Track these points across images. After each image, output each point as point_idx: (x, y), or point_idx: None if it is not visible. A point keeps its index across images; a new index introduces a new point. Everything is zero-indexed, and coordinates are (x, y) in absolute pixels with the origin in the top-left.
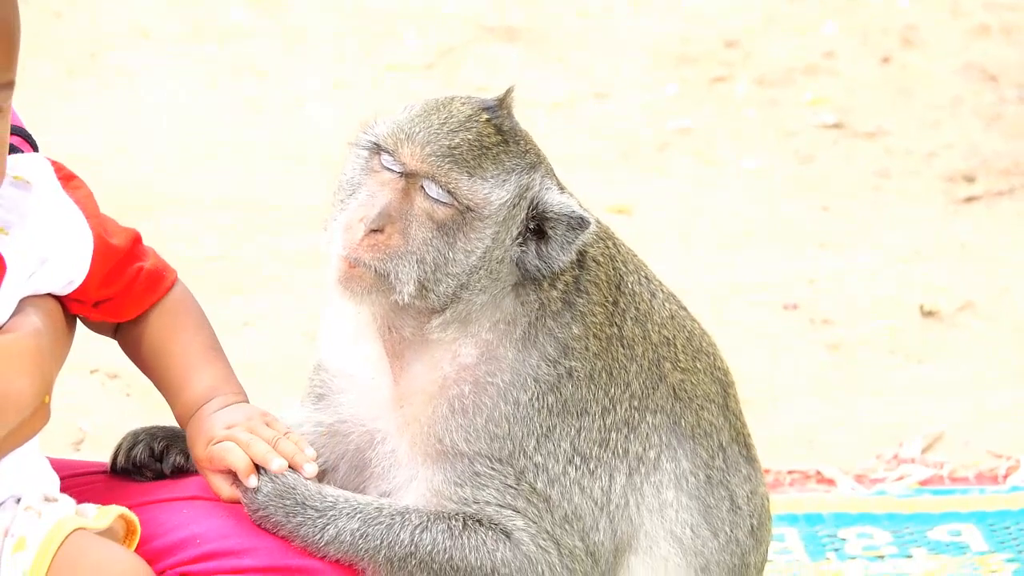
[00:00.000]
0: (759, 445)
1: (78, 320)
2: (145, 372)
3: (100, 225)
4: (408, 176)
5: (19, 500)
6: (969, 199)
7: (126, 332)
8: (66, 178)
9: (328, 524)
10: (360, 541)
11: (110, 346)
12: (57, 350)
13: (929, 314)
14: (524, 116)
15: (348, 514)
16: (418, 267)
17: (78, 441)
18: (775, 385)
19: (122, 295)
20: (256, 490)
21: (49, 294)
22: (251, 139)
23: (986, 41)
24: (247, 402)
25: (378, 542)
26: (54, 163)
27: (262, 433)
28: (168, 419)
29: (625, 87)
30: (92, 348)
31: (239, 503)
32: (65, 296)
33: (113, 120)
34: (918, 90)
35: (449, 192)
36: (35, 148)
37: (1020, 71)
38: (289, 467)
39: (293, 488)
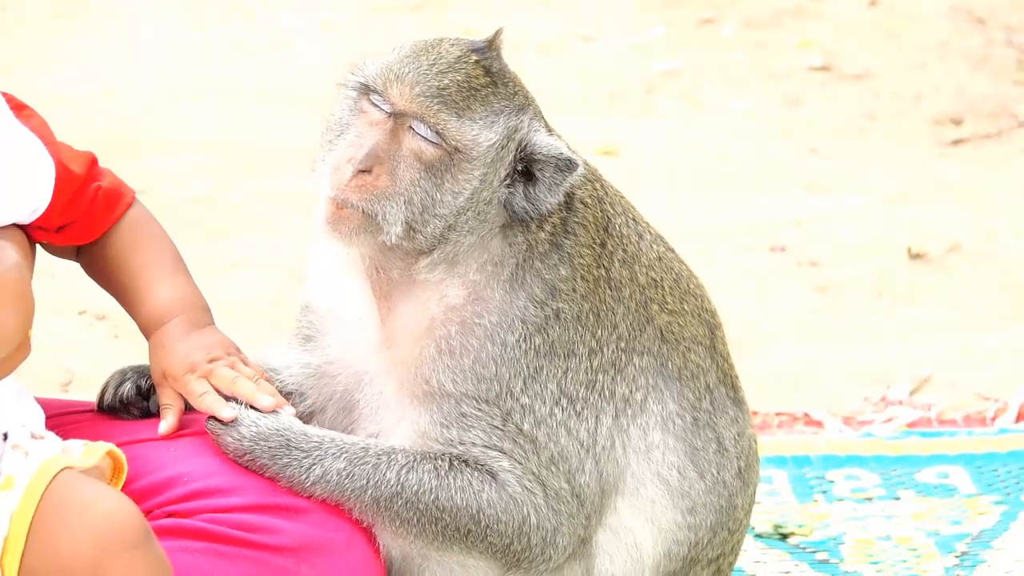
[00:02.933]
0: (747, 387)
1: (76, 265)
2: (107, 288)
3: (58, 152)
4: (397, 116)
5: (5, 436)
6: (956, 141)
7: (88, 253)
8: (17, 107)
9: (314, 464)
10: (346, 481)
11: (97, 287)
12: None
13: (916, 256)
14: (512, 58)
15: (334, 454)
16: (406, 208)
17: (66, 382)
18: (763, 327)
19: (83, 218)
20: (240, 435)
21: (14, 224)
22: (238, 80)
23: None
24: (214, 324)
25: (364, 482)
26: (4, 94)
27: (241, 370)
28: None
29: (612, 29)
30: (80, 290)
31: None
32: (28, 224)
33: (100, 61)
34: (905, 33)
35: (437, 133)
36: None
37: (1007, 13)
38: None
39: (278, 430)
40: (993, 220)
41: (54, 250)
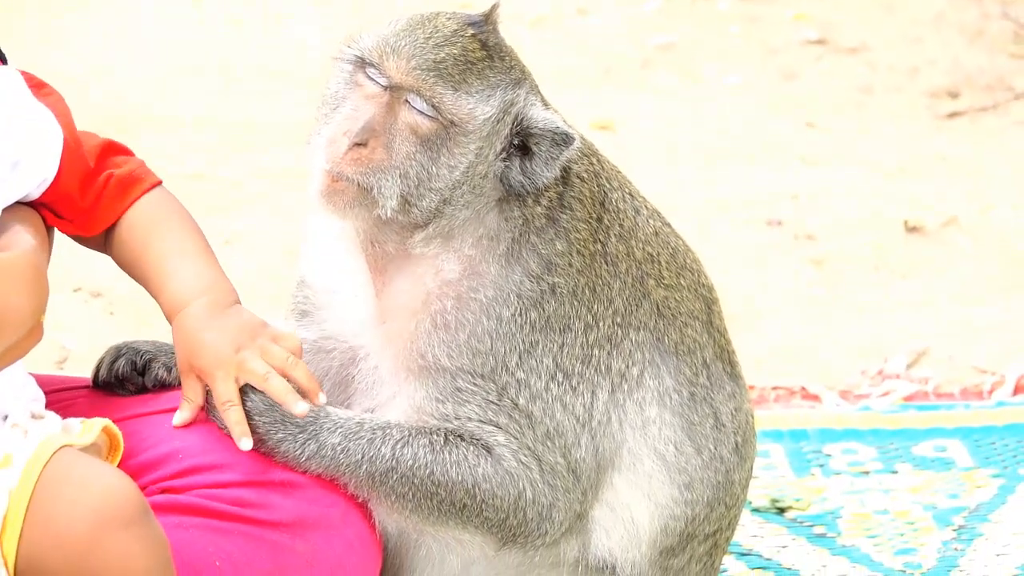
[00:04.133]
0: (743, 362)
1: (72, 242)
2: (131, 274)
3: (70, 126)
4: (393, 90)
5: (5, 417)
6: (952, 115)
7: (112, 239)
8: (37, 86)
9: (309, 439)
10: (341, 456)
11: (93, 265)
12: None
13: (913, 230)
14: (507, 32)
15: (329, 429)
16: (401, 181)
17: (61, 360)
18: (759, 301)
19: (93, 206)
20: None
21: (30, 206)
22: (234, 56)
23: None
24: (239, 303)
25: (359, 456)
26: (24, 74)
27: (273, 357)
28: (151, 335)
29: (608, 3)
30: (75, 267)
31: None
32: (39, 207)
33: (96, 39)
34: (901, 6)
35: (433, 106)
36: (3, 60)
37: None
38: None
39: (272, 404)
40: (990, 193)
41: (84, 242)
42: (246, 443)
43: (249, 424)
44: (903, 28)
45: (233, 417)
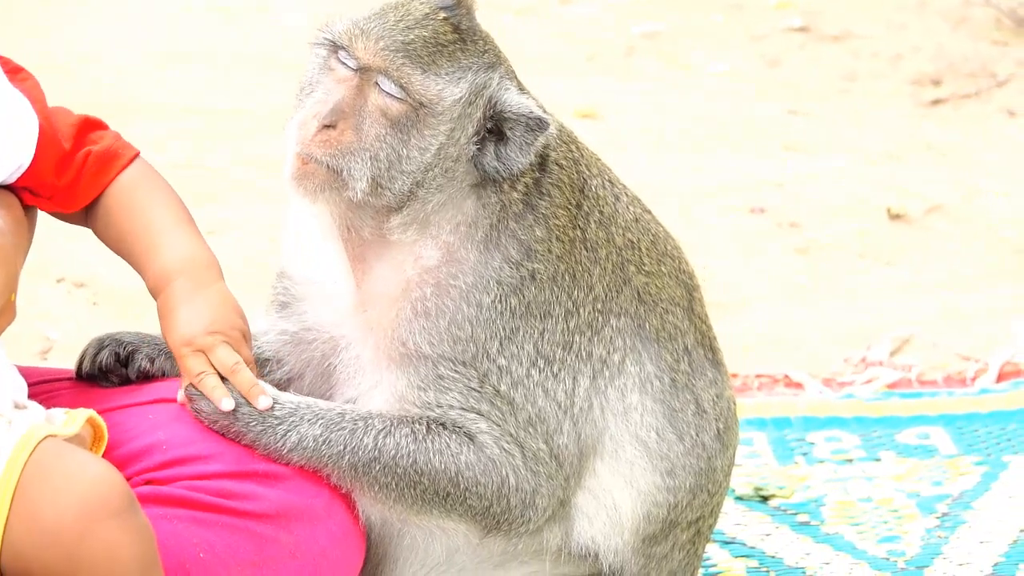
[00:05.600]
0: (726, 349)
1: (55, 233)
2: (115, 250)
3: (45, 111)
4: (362, 72)
5: None
6: (936, 102)
7: (94, 215)
8: (13, 71)
9: (290, 431)
10: (323, 447)
11: (76, 255)
12: (19, 245)
13: (897, 217)
14: (492, 20)
15: (310, 420)
16: (371, 163)
17: (45, 350)
18: (743, 288)
19: (73, 184)
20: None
21: (7, 188)
22: (219, 44)
23: None
24: (221, 280)
25: (341, 447)
26: (1, 57)
27: (242, 351)
28: (134, 325)
29: None
30: (58, 257)
31: None
32: (18, 187)
33: (81, 27)
34: None
35: (402, 87)
36: None
37: None
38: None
39: None
40: (973, 180)
41: (63, 217)
42: (227, 403)
43: (228, 418)
44: (886, 15)
45: (210, 383)
